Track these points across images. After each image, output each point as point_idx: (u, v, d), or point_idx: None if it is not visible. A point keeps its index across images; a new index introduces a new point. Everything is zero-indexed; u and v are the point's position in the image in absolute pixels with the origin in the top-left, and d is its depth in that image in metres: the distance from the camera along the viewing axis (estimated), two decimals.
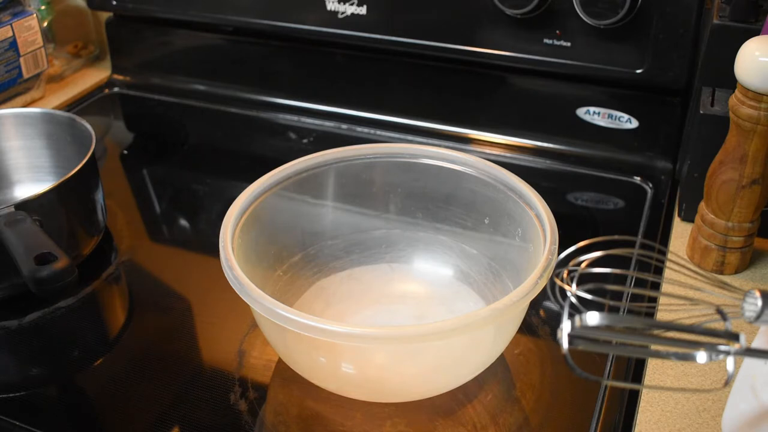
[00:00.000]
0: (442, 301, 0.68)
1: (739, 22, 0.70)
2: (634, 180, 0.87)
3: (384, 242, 0.72)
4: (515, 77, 0.91)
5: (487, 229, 0.67)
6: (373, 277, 0.70)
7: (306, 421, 0.58)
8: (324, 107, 1.01)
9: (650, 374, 0.59)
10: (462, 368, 0.57)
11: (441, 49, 0.90)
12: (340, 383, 0.58)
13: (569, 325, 0.38)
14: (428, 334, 0.49)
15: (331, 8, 0.92)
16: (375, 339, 0.51)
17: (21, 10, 0.97)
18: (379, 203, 0.71)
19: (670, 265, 0.60)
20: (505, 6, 0.83)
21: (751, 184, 0.64)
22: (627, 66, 0.83)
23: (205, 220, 0.83)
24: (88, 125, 0.75)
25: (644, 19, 0.80)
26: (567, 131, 0.91)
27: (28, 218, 0.63)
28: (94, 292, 0.72)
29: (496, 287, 0.66)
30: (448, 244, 0.70)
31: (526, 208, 0.61)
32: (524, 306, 0.55)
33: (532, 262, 0.58)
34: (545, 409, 0.59)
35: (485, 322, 0.51)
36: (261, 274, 0.63)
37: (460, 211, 0.69)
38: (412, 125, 0.97)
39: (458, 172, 0.67)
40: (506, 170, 0.64)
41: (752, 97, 0.60)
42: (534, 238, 0.60)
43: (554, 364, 0.62)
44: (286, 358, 0.59)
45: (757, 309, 0.40)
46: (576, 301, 0.44)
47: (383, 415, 0.58)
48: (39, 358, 0.64)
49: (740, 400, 0.48)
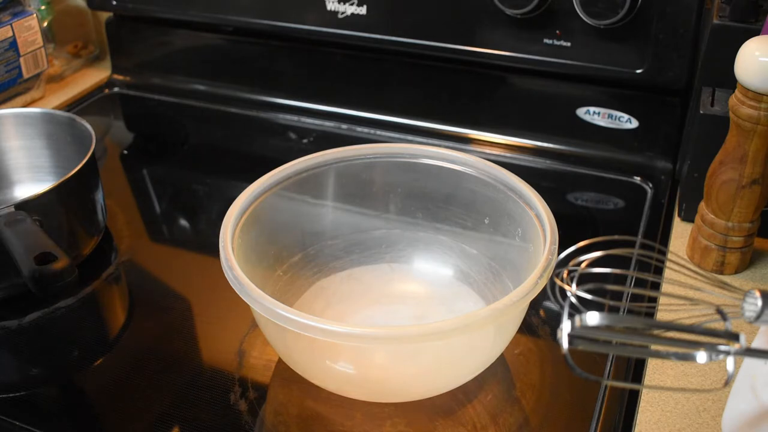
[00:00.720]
0: (442, 301, 0.68)
1: (739, 22, 0.70)
2: (634, 180, 0.87)
3: (384, 242, 0.72)
4: (515, 77, 0.91)
5: (487, 229, 0.67)
6: (373, 277, 0.70)
7: (306, 421, 0.58)
8: (324, 107, 1.01)
9: (650, 374, 0.59)
10: (462, 368, 0.57)
11: (441, 49, 0.90)
12: (340, 383, 0.58)
13: (569, 325, 0.38)
14: (428, 334, 0.49)
15: (331, 8, 0.92)
16: (375, 339, 0.51)
17: (21, 10, 0.97)
18: (379, 203, 0.71)
19: (670, 265, 0.60)
20: (505, 6, 0.83)
21: (751, 184, 0.64)
22: (627, 66, 0.83)
23: (205, 220, 0.83)
24: (88, 125, 0.75)
25: (644, 19, 0.80)
26: (567, 131, 0.91)
27: (28, 218, 0.63)
28: (94, 292, 0.72)
29: (496, 287, 0.66)
30: (448, 244, 0.70)
31: (526, 208, 0.61)
32: (524, 306, 0.55)
33: (532, 262, 0.58)
34: (545, 409, 0.59)
35: (485, 322, 0.51)
36: (261, 274, 0.63)
37: (460, 211, 0.69)
38: (412, 125, 0.97)
39: (458, 172, 0.67)
40: (506, 170, 0.64)
41: (752, 97, 0.60)
42: (534, 238, 0.60)
43: (554, 364, 0.62)
44: (286, 358, 0.59)
45: (757, 309, 0.40)
46: (576, 301, 0.44)
47: (383, 415, 0.58)
48: (39, 358, 0.64)
49: (740, 400, 0.48)
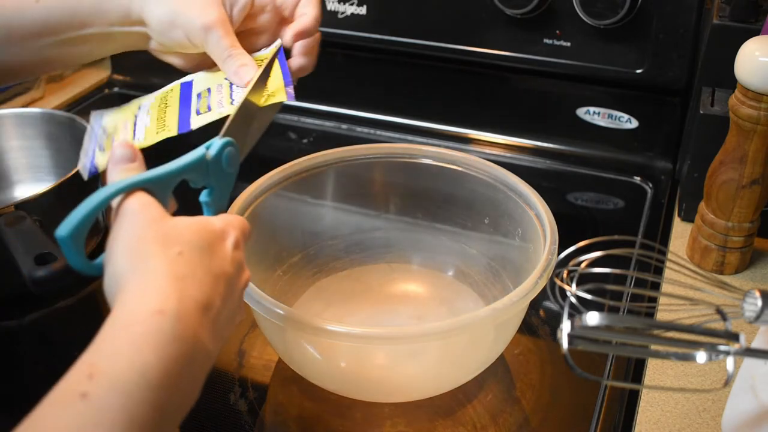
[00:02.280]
0: (442, 302, 0.68)
1: (739, 22, 0.70)
2: (634, 180, 0.87)
3: (384, 242, 0.72)
4: (515, 77, 0.91)
5: (487, 229, 0.67)
6: (373, 277, 0.70)
7: (306, 421, 0.58)
8: (324, 107, 1.01)
9: (650, 374, 0.59)
10: (462, 368, 0.57)
11: (441, 49, 0.90)
12: (340, 383, 0.58)
13: (569, 325, 0.38)
14: (428, 334, 0.49)
15: (331, 8, 0.92)
16: (375, 339, 0.51)
17: None
18: (379, 203, 0.71)
19: (670, 265, 0.60)
20: (505, 6, 0.83)
21: (751, 184, 0.64)
22: (627, 66, 0.83)
23: None
24: (88, 125, 0.75)
25: (644, 19, 0.80)
26: (567, 131, 0.91)
27: (28, 218, 0.63)
28: (94, 292, 0.72)
29: (496, 287, 0.66)
30: (448, 244, 0.70)
31: (526, 208, 0.61)
32: (524, 306, 0.55)
33: (532, 261, 0.58)
34: (545, 409, 0.59)
35: (485, 322, 0.51)
36: (261, 274, 0.63)
37: (460, 211, 0.69)
38: (412, 125, 0.97)
39: (458, 172, 0.67)
40: (506, 170, 0.64)
41: (752, 97, 0.60)
42: (534, 238, 0.60)
43: (554, 364, 0.62)
44: (286, 358, 0.59)
45: (757, 309, 0.41)
46: (576, 301, 0.44)
47: (383, 415, 0.58)
48: (39, 358, 0.64)
49: (740, 400, 0.48)
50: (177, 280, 0.37)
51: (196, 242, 0.39)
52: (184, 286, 0.37)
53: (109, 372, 0.33)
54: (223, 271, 0.40)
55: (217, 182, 0.46)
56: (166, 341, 0.34)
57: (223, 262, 0.40)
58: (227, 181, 0.47)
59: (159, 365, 0.34)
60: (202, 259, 0.39)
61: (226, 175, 0.47)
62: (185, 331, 0.35)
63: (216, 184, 0.46)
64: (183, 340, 0.35)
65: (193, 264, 0.38)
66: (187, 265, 0.38)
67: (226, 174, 0.47)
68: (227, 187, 0.47)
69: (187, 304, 0.36)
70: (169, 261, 0.37)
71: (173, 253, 0.38)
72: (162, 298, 0.36)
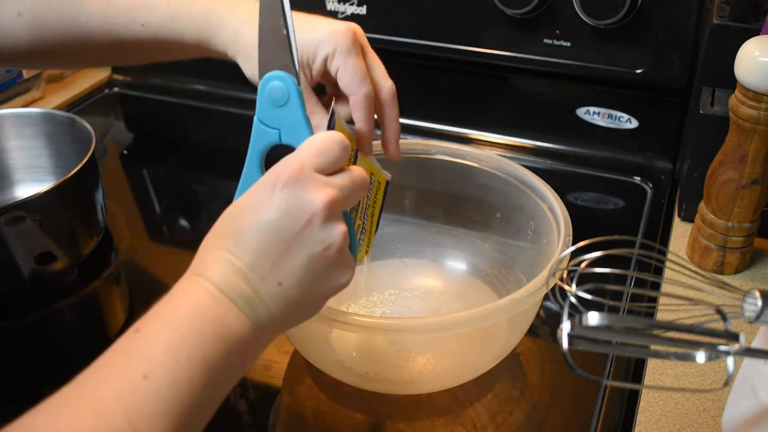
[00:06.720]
0: (455, 296, 0.68)
1: (739, 22, 0.70)
2: (634, 180, 0.87)
3: (396, 238, 0.72)
4: (515, 77, 0.91)
5: (499, 224, 0.67)
6: (386, 273, 0.70)
7: (306, 420, 0.58)
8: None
9: (650, 374, 0.59)
10: (477, 361, 0.58)
11: (441, 49, 0.90)
12: (354, 376, 0.58)
13: (569, 325, 0.38)
14: (447, 325, 0.50)
15: (331, 8, 0.92)
16: (395, 330, 0.51)
17: None
18: (391, 199, 0.71)
19: (670, 265, 0.60)
20: (505, 6, 0.83)
21: (751, 184, 0.64)
22: (627, 66, 0.83)
23: (205, 220, 0.83)
24: (88, 125, 0.75)
25: (644, 18, 0.80)
26: (567, 131, 0.91)
27: (28, 218, 0.63)
28: (94, 292, 0.72)
29: (509, 281, 0.66)
30: (461, 239, 0.70)
31: (539, 201, 0.62)
32: (540, 297, 0.55)
33: (546, 254, 0.59)
34: (545, 409, 0.59)
35: (503, 313, 0.51)
36: None
37: (472, 206, 0.69)
38: (412, 125, 0.97)
39: (470, 167, 0.67)
40: (517, 164, 0.65)
41: (752, 97, 0.60)
42: (547, 231, 0.60)
43: (554, 364, 0.62)
44: (302, 348, 0.59)
45: (757, 309, 0.40)
46: (576, 301, 0.44)
47: (383, 415, 0.58)
48: (39, 358, 0.64)
49: (740, 400, 0.48)
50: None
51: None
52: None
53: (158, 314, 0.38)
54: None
55: (287, 124, 0.46)
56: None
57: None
58: (294, 117, 0.46)
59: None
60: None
61: (288, 112, 0.45)
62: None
63: (287, 125, 0.46)
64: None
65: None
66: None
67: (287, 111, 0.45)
68: (299, 123, 0.46)
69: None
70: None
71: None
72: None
